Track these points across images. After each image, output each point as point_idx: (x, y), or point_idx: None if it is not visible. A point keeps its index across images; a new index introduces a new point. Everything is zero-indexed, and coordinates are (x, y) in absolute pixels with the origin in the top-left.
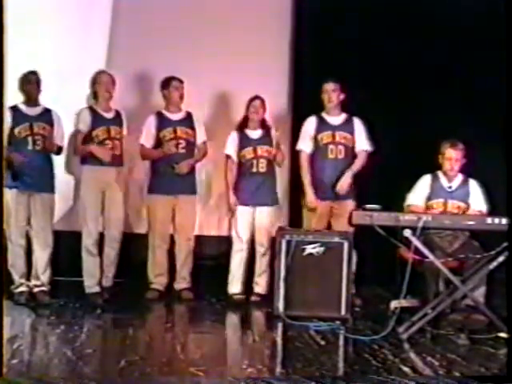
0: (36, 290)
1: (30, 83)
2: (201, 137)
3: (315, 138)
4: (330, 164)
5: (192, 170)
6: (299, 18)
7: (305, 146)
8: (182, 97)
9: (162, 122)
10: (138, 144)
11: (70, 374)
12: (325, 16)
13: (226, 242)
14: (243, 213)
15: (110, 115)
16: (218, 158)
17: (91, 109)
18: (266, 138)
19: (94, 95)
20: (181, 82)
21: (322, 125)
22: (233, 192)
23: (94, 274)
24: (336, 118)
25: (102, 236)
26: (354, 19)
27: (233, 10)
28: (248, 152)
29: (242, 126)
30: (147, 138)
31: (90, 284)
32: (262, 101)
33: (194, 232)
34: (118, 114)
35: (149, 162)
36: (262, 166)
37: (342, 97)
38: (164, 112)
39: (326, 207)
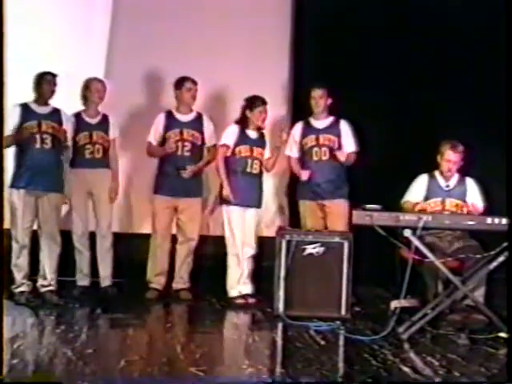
0: (43, 289)
1: (45, 83)
2: (211, 139)
3: (301, 143)
4: (315, 166)
5: (198, 173)
6: (299, 18)
7: (292, 151)
8: (194, 98)
9: (171, 122)
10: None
11: (70, 373)
12: (325, 16)
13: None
14: (236, 213)
15: (94, 120)
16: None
17: (77, 115)
18: (261, 141)
19: (84, 100)
20: (194, 82)
21: (307, 129)
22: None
23: (82, 270)
24: (321, 122)
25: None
26: (354, 19)
27: (233, 10)
28: (245, 149)
29: (241, 124)
30: (154, 137)
31: (77, 278)
32: (266, 105)
33: (198, 233)
34: (104, 119)
35: (156, 163)
36: (256, 168)
37: (329, 101)
38: (174, 112)
39: (317, 207)
